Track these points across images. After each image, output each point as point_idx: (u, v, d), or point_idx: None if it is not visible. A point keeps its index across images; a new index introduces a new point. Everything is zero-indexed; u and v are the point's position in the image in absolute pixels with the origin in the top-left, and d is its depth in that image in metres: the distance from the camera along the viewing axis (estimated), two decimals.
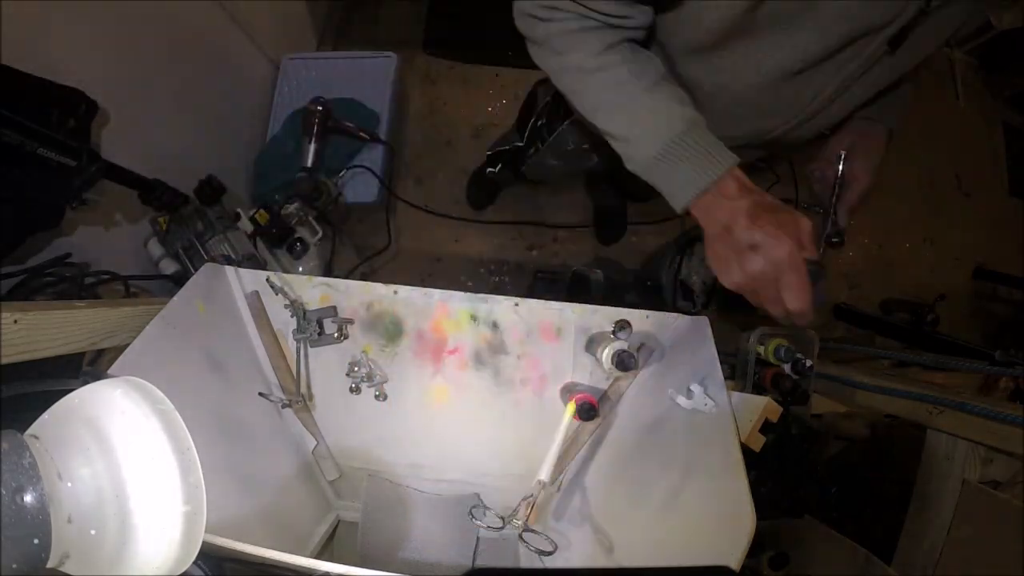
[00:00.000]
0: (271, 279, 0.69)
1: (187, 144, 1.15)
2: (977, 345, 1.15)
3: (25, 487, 0.25)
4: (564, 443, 0.63)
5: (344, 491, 0.79)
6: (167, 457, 0.29)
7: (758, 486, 0.75)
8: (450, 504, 0.77)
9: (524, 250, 1.57)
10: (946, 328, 1.47)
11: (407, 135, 1.63)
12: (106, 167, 0.78)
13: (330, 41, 1.68)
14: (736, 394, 0.61)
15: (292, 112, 1.39)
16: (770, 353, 0.75)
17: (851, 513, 0.80)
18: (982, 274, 1.71)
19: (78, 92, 0.77)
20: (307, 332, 0.70)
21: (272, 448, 0.71)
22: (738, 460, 0.49)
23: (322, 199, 1.25)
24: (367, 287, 0.72)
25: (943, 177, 1.80)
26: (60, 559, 0.26)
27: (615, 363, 0.64)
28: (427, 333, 0.74)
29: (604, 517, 0.65)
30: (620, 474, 0.67)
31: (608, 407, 0.74)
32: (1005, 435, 0.59)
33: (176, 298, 0.60)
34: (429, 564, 0.74)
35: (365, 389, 0.74)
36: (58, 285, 0.74)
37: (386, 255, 1.45)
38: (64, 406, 0.29)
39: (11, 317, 0.46)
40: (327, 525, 0.75)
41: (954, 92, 1.92)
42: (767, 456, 0.57)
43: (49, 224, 0.76)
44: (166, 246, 1.00)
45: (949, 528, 0.64)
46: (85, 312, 0.55)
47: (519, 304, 0.72)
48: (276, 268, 1.13)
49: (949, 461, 0.66)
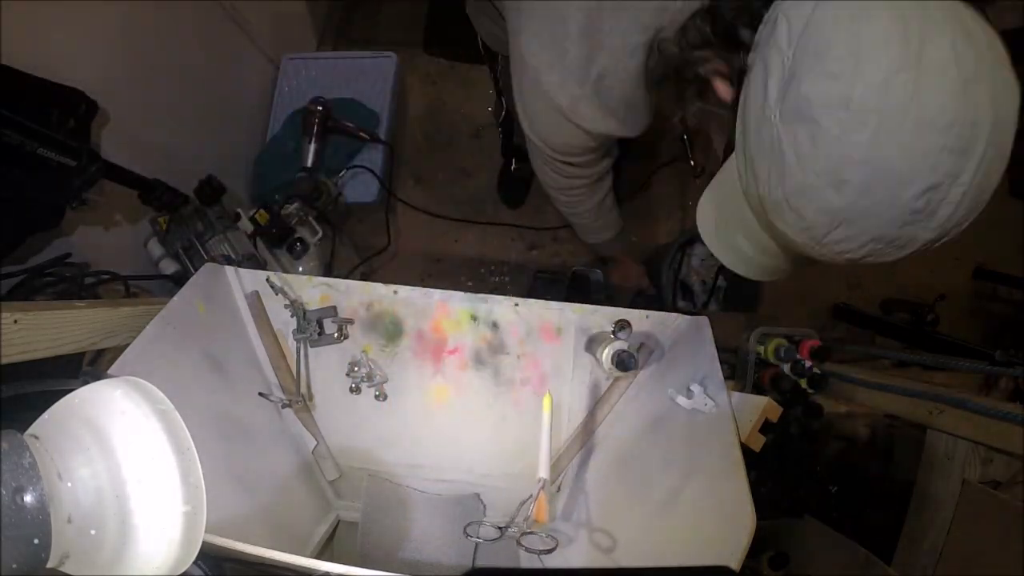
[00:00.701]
0: (271, 279, 0.69)
1: (187, 144, 1.15)
2: (977, 345, 1.15)
3: (25, 487, 0.25)
4: (551, 437, 0.63)
5: (344, 491, 0.79)
6: (167, 457, 0.29)
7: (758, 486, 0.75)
8: (450, 504, 0.77)
9: (524, 250, 1.57)
10: (946, 328, 1.47)
11: (407, 135, 1.62)
12: (106, 167, 0.78)
13: (330, 41, 1.68)
14: (736, 394, 0.61)
15: (292, 112, 1.39)
16: (770, 353, 0.75)
17: (851, 513, 0.80)
18: (982, 274, 1.71)
19: (78, 92, 0.77)
20: (307, 332, 0.70)
21: (272, 448, 0.71)
22: (738, 460, 0.49)
23: (322, 199, 1.25)
24: (367, 287, 0.72)
25: None
26: (60, 559, 0.26)
27: (615, 363, 0.64)
28: (427, 333, 0.74)
29: (604, 517, 0.65)
30: (620, 474, 0.67)
31: (608, 407, 0.74)
32: (1005, 435, 0.59)
33: (176, 298, 0.60)
34: (429, 564, 0.74)
35: (365, 389, 0.74)
36: (58, 285, 0.73)
37: (386, 255, 1.45)
38: (64, 406, 0.29)
39: (11, 317, 0.46)
40: (327, 525, 0.75)
41: None
42: (767, 456, 0.57)
43: (49, 224, 0.76)
44: (166, 246, 1.00)
45: (949, 528, 0.64)
46: (85, 312, 0.55)
47: (519, 304, 0.72)
48: (276, 268, 1.13)
49: (949, 461, 0.66)
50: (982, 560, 0.61)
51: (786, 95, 0.36)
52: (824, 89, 0.33)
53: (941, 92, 0.31)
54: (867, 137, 0.32)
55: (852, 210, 0.35)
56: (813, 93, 0.34)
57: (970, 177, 0.33)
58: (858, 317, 1.51)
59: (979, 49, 0.32)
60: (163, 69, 1.07)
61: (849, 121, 0.33)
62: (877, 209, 0.34)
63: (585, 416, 0.74)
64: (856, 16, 0.33)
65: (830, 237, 0.37)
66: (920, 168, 0.32)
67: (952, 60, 0.31)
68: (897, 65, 0.32)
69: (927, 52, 0.31)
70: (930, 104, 0.31)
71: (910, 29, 0.32)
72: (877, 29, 0.32)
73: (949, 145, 0.32)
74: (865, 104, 0.32)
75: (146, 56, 1.01)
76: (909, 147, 0.32)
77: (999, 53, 0.34)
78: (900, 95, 0.32)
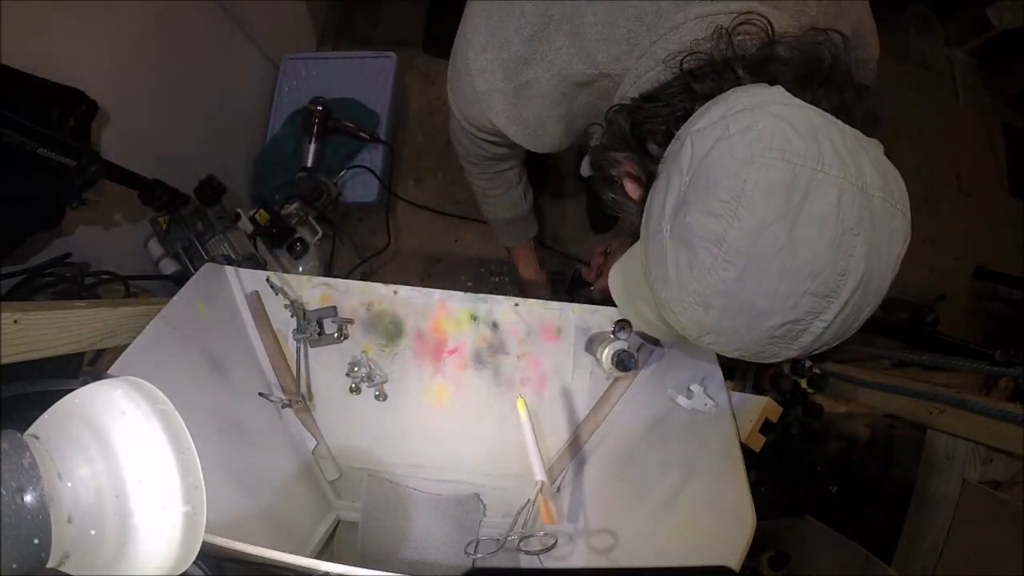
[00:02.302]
0: (271, 279, 0.69)
1: (187, 144, 1.15)
2: (977, 345, 1.15)
3: (25, 487, 0.25)
4: (536, 439, 0.64)
5: (344, 491, 0.79)
6: (167, 457, 0.29)
7: (758, 486, 0.76)
8: (450, 504, 0.77)
9: None
10: (946, 328, 1.47)
11: (407, 135, 1.62)
12: (106, 167, 0.78)
13: (330, 41, 1.68)
14: (736, 394, 0.61)
15: (292, 112, 1.38)
16: None
17: (851, 513, 0.80)
18: (982, 274, 1.71)
19: (78, 92, 0.77)
20: (307, 332, 0.70)
21: (272, 448, 0.71)
22: (738, 460, 0.49)
23: (322, 199, 1.25)
24: (367, 287, 0.72)
25: (943, 177, 1.80)
26: (60, 559, 0.26)
27: (615, 363, 0.64)
28: (427, 333, 0.74)
29: (604, 517, 0.65)
30: (620, 474, 0.67)
31: (608, 407, 0.74)
32: (1005, 435, 0.59)
33: (176, 298, 0.60)
34: (429, 564, 0.74)
35: (365, 389, 0.74)
36: (58, 285, 0.73)
37: (386, 255, 1.44)
38: (64, 406, 0.29)
39: (11, 317, 0.46)
40: (327, 525, 0.75)
41: (954, 92, 1.92)
42: (767, 456, 0.57)
43: (49, 224, 0.76)
44: (166, 246, 1.00)
45: (949, 528, 0.64)
46: (85, 312, 0.55)
47: (519, 304, 0.73)
48: (276, 268, 1.13)
49: (949, 461, 0.66)
50: (982, 560, 0.61)
51: (676, 216, 0.37)
52: (704, 223, 0.35)
53: (813, 244, 0.33)
54: (733, 274, 0.34)
55: (718, 328, 0.38)
56: (696, 224, 0.35)
57: (832, 315, 0.35)
58: None
59: (871, 200, 0.34)
60: (163, 69, 1.06)
61: (720, 258, 0.34)
62: (740, 332, 0.37)
63: (585, 416, 0.74)
64: (750, 162, 0.33)
65: (702, 341, 0.40)
66: (781, 307, 0.34)
67: (833, 214, 0.33)
68: (775, 216, 0.33)
69: (808, 205, 0.33)
70: (800, 254, 0.33)
71: (797, 181, 0.33)
72: (763, 178, 0.33)
73: (812, 290, 0.34)
74: (736, 246, 0.34)
75: (146, 56, 1.01)
76: (772, 290, 0.34)
77: (895, 200, 0.35)
78: (770, 243, 0.33)
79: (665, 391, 0.63)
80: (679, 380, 0.63)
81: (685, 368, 0.65)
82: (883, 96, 1.64)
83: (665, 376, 0.69)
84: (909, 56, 1.89)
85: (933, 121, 1.83)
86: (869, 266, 0.34)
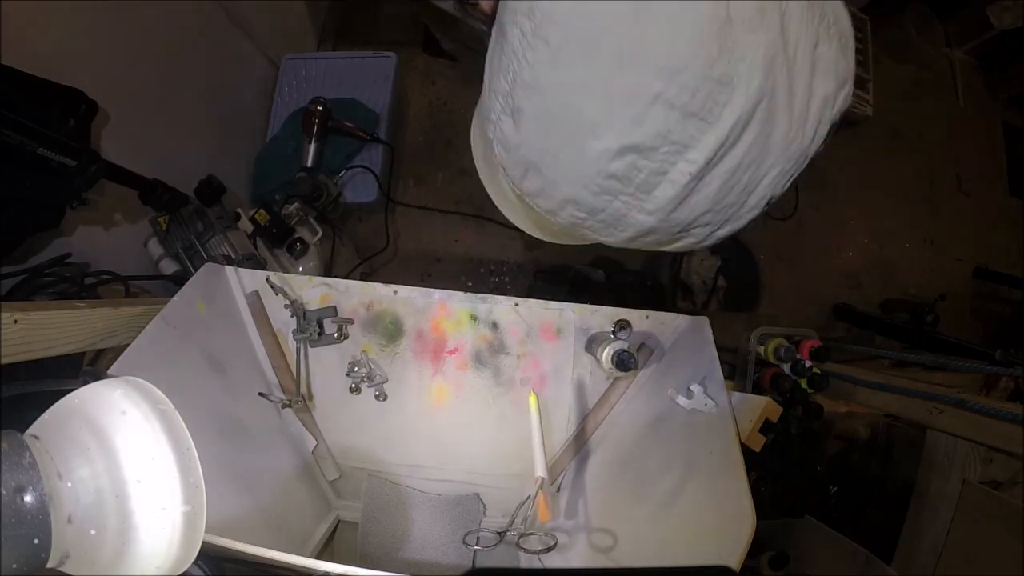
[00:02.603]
0: (271, 279, 0.69)
1: (187, 144, 1.15)
2: (977, 345, 1.15)
3: (25, 487, 0.25)
4: (542, 435, 0.63)
5: (344, 491, 0.79)
6: (167, 457, 0.29)
7: (758, 486, 0.76)
8: (450, 504, 0.77)
9: (524, 250, 1.57)
10: (946, 328, 1.47)
11: (407, 135, 1.62)
12: (106, 167, 0.78)
13: (330, 41, 1.68)
14: (736, 394, 0.61)
15: (292, 112, 1.39)
16: (770, 353, 0.75)
17: (851, 513, 0.80)
18: (982, 274, 1.71)
19: (78, 92, 0.77)
20: (307, 332, 0.70)
21: (272, 448, 0.71)
22: (738, 460, 0.49)
23: (322, 199, 1.25)
24: (367, 287, 0.72)
25: (943, 177, 1.80)
26: (60, 559, 0.26)
27: (615, 363, 0.64)
28: (427, 333, 0.74)
29: (604, 517, 0.65)
30: (620, 474, 0.67)
31: (608, 407, 0.74)
32: (1005, 435, 0.59)
33: (176, 298, 0.60)
34: (429, 564, 0.74)
35: (365, 389, 0.74)
36: (58, 285, 0.73)
37: (386, 255, 1.45)
38: (64, 406, 0.29)
39: (11, 317, 0.46)
40: (327, 525, 0.75)
41: (954, 92, 1.92)
42: (767, 456, 0.57)
43: (49, 224, 0.76)
44: (166, 246, 1.00)
45: (949, 528, 0.64)
46: (85, 312, 0.55)
47: (519, 304, 0.73)
48: (276, 268, 1.13)
49: (949, 461, 0.66)
50: (982, 560, 0.61)
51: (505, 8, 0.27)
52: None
53: (674, 21, 0.21)
54: (545, 56, 0.23)
55: (532, 150, 0.27)
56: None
57: (706, 156, 0.23)
58: (858, 317, 1.51)
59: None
60: (163, 69, 1.07)
61: (530, 32, 0.24)
62: (563, 161, 0.25)
63: (585, 416, 0.74)
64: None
65: (526, 186, 0.30)
66: (617, 118, 0.23)
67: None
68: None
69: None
70: (651, 33, 0.21)
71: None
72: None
73: (670, 97, 0.22)
74: (550, 14, 0.23)
75: (146, 56, 1.01)
76: (604, 85, 0.22)
77: (827, 20, 0.23)
78: (602, 11, 0.22)
79: (665, 391, 0.63)
80: (679, 380, 0.63)
81: (685, 368, 0.65)
82: (883, 96, 1.64)
83: (665, 376, 0.69)
84: (909, 56, 1.89)
85: (933, 121, 1.84)
86: (771, 88, 0.22)
